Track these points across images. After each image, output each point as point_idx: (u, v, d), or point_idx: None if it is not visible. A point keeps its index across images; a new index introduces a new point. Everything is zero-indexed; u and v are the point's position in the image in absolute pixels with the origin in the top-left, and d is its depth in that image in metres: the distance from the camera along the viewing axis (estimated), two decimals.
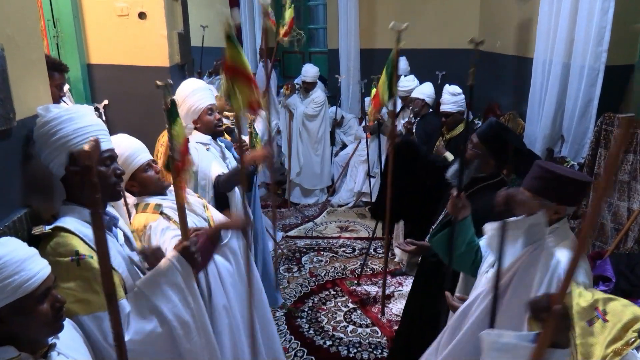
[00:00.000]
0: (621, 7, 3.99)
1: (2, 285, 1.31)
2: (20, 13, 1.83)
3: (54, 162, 1.77)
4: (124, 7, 3.77)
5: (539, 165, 2.06)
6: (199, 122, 3.16)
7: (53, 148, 1.74)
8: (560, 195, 2.01)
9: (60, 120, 1.74)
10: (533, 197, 2.04)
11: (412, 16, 7.44)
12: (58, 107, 1.80)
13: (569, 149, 4.52)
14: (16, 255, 1.36)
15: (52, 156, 1.76)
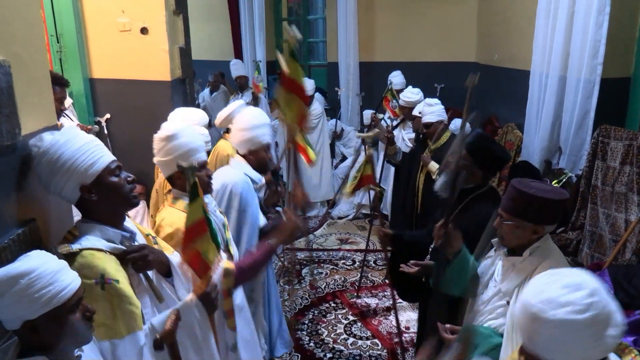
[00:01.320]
0: (615, 21, 4.05)
1: (38, 296, 1.36)
2: (26, 30, 1.88)
3: (65, 188, 1.75)
4: (126, 22, 3.83)
5: (514, 186, 2.04)
6: (253, 155, 3.02)
7: (60, 175, 1.72)
8: (536, 215, 1.99)
9: (58, 145, 1.72)
10: (509, 218, 2.03)
11: (410, 29, 7.55)
12: (51, 133, 1.78)
13: (566, 161, 4.56)
14: (49, 267, 1.40)
15: (61, 183, 1.74)
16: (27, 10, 1.88)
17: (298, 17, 9.30)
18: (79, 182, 1.74)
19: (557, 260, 2.03)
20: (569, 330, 1.28)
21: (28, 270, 1.38)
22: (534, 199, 1.96)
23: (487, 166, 2.78)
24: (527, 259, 2.04)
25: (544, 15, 4.69)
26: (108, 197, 1.79)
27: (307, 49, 9.15)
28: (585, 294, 1.30)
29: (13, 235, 1.69)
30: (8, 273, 1.37)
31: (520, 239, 2.06)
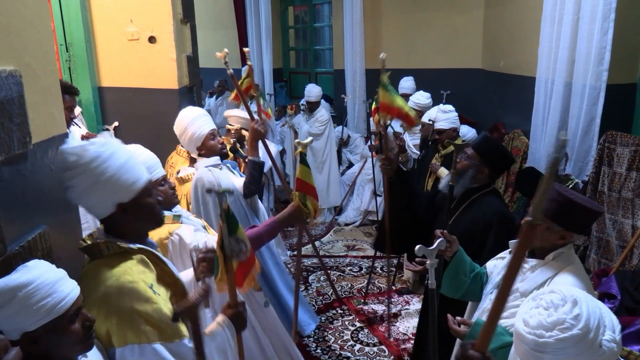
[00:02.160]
0: (621, 27, 4.06)
1: (37, 308, 1.36)
2: (37, 41, 1.91)
3: (102, 203, 1.72)
4: (134, 31, 3.88)
5: (555, 189, 2.05)
6: (203, 148, 3.22)
7: (101, 190, 1.68)
8: (568, 221, 2.00)
9: (104, 157, 1.68)
10: (545, 219, 2.03)
11: (416, 37, 7.58)
12: (92, 143, 1.72)
13: (572, 167, 4.56)
14: (48, 278, 1.41)
15: (100, 198, 1.70)
16: (38, 21, 1.92)
17: (305, 25, 9.36)
18: (117, 200, 1.71)
19: (578, 269, 2.03)
20: (568, 346, 1.31)
21: (27, 282, 1.37)
22: (571, 204, 1.98)
23: (495, 164, 2.85)
24: (550, 262, 2.05)
25: (549, 22, 4.70)
26: (140, 216, 1.78)
27: (313, 57, 9.20)
28: (569, 308, 1.33)
29: (23, 242, 1.71)
30: (7, 285, 1.37)
31: (545, 242, 2.07)
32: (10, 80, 1.67)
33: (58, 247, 1.96)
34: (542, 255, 2.09)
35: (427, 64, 7.50)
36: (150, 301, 1.65)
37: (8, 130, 1.65)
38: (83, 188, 1.68)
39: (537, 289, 2.01)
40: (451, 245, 2.37)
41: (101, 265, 1.69)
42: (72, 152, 1.67)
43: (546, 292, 1.42)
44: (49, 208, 1.96)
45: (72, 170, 1.67)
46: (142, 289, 1.65)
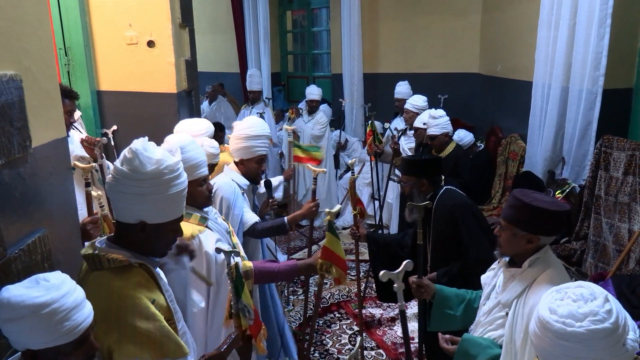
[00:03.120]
0: (617, 32, 4.09)
1: (52, 330, 1.32)
2: (37, 45, 1.92)
3: (128, 210, 1.68)
4: (133, 35, 3.89)
5: (513, 195, 2.08)
6: (245, 163, 3.14)
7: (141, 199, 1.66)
8: (532, 225, 2.00)
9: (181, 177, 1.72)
10: (506, 225, 2.07)
11: (414, 41, 7.61)
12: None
13: (569, 171, 4.58)
14: (69, 301, 1.35)
15: (130, 206, 1.67)
16: (38, 25, 1.94)
17: (302, 29, 9.38)
18: (143, 217, 1.68)
19: (557, 272, 2.02)
20: (597, 338, 1.31)
21: (49, 302, 1.32)
22: (530, 208, 1.98)
23: (425, 171, 3.04)
24: (527, 270, 2.04)
25: (545, 26, 4.73)
26: (152, 240, 1.74)
27: (311, 61, 9.22)
28: (601, 302, 1.34)
29: (23, 246, 1.73)
30: (28, 301, 1.30)
31: (515, 248, 2.07)
32: (11, 84, 1.68)
33: (57, 251, 1.98)
34: (519, 263, 2.09)
35: (425, 68, 7.53)
36: (153, 317, 1.62)
37: (8, 134, 1.66)
38: (126, 190, 1.65)
39: (517, 298, 2.02)
40: (426, 290, 2.45)
41: (101, 277, 1.64)
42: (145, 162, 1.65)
43: (571, 286, 1.43)
44: (49, 211, 1.97)
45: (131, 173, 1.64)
46: (144, 305, 1.62)
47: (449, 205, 2.97)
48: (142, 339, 1.59)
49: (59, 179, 2.08)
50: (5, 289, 1.34)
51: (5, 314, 1.30)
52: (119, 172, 1.65)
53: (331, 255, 2.59)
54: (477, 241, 2.88)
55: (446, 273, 2.94)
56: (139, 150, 1.66)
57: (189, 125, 3.32)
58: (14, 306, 1.29)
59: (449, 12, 7.35)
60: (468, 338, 2.10)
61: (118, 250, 1.69)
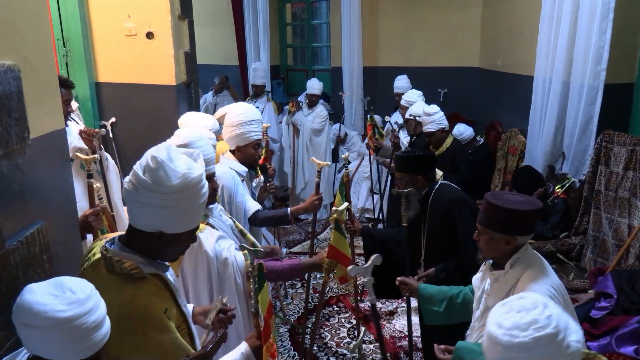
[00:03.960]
0: (619, 27, 4.07)
1: (69, 346, 1.28)
2: (35, 36, 1.90)
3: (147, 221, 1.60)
4: (132, 27, 3.86)
5: (485, 199, 2.09)
6: (241, 150, 3.14)
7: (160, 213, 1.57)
8: (506, 226, 2.02)
9: (202, 190, 1.64)
10: (483, 230, 2.09)
11: (414, 35, 7.58)
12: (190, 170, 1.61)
13: (569, 166, 4.57)
14: (91, 319, 1.30)
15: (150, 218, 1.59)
16: (36, 15, 1.91)
17: (302, 22, 9.34)
18: (162, 228, 1.61)
19: (539, 270, 2.03)
20: (542, 345, 1.36)
21: (73, 318, 1.26)
22: (501, 211, 2.00)
23: (419, 168, 3.04)
24: (509, 271, 2.06)
25: (547, 21, 4.71)
26: (167, 247, 1.67)
27: (311, 54, 9.19)
28: (541, 309, 1.40)
29: (21, 238, 1.71)
30: (54, 313, 1.25)
31: (495, 251, 2.10)
32: (9, 74, 1.66)
33: (56, 243, 1.96)
34: (502, 265, 2.10)
35: (425, 62, 7.50)
36: (166, 329, 1.58)
37: (6, 125, 1.64)
38: (145, 202, 1.56)
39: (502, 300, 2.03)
40: (410, 288, 2.57)
41: (113, 282, 1.58)
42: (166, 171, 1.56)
43: (515, 299, 1.48)
44: (47, 203, 1.96)
45: (152, 184, 1.54)
46: (157, 316, 1.57)
47: (445, 200, 2.98)
48: (155, 350, 1.55)
49: (57, 171, 2.06)
50: (29, 290, 1.28)
51: (24, 319, 1.26)
52: (141, 182, 1.55)
53: (337, 254, 2.58)
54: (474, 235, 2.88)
55: (444, 269, 2.94)
56: (165, 162, 1.56)
57: (194, 118, 3.30)
58: (36, 314, 1.24)
59: (450, 6, 7.31)
60: (461, 346, 2.10)
61: (130, 254, 1.62)
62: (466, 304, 2.42)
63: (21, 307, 1.26)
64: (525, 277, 2.00)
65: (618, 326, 3.16)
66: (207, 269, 2.26)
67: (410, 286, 2.59)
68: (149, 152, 1.60)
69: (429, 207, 3.03)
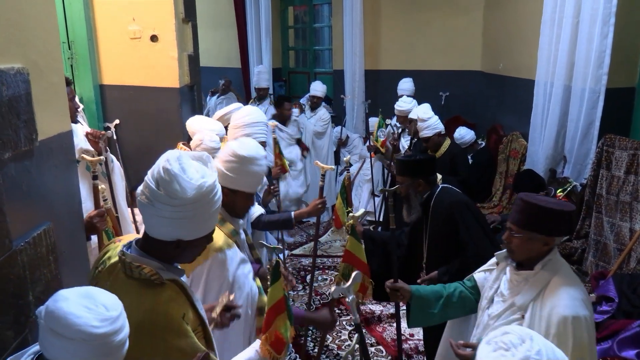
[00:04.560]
0: (620, 31, 4.09)
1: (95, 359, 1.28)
2: (44, 39, 1.93)
3: (165, 232, 1.59)
4: (136, 30, 3.89)
5: (523, 200, 2.07)
6: None
7: (175, 225, 1.57)
8: (547, 227, 2.02)
9: (217, 195, 1.64)
10: (519, 231, 2.06)
11: (416, 38, 7.60)
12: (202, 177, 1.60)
13: (571, 170, 4.58)
14: (117, 338, 1.30)
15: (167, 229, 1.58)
16: (45, 19, 1.94)
17: (304, 25, 9.37)
18: (180, 236, 1.61)
19: (567, 274, 2.06)
20: None
21: (104, 335, 1.27)
22: (545, 211, 1.99)
23: (420, 171, 3.04)
24: (539, 272, 2.06)
25: (549, 24, 4.73)
26: (185, 252, 1.68)
27: (312, 57, 9.21)
28: (529, 344, 1.38)
29: (29, 238, 1.73)
30: (88, 328, 1.25)
31: (530, 252, 2.08)
32: (18, 77, 1.68)
33: (62, 243, 1.98)
34: (530, 266, 2.10)
35: (427, 65, 7.52)
36: (185, 334, 1.59)
37: (15, 127, 1.66)
38: (163, 214, 1.56)
39: (533, 301, 2.04)
40: (402, 293, 2.48)
41: (133, 287, 1.58)
42: (182, 184, 1.54)
43: (498, 335, 1.45)
44: (54, 204, 1.98)
45: (167, 197, 1.54)
46: (176, 321, 1.58)
47: (446, 202, 2.99)
48: (174, 355, 1.56)
49: (64, 172, 2.08)
50: (64, 298, 1.28)
51: (56, 327, 1.25)
52: (156, 196, 1.54)
53: (353, 259, 2.58)
54: (476, 237, 2.89)
55: (447, 271, 2.95)
56: (177, 174, 1.55)
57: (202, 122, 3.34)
58: (70, 326, 1.24)
59: (451, 9, 7.33)
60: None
61: (149, 260, 1.62)
62: (463, 300, 2.42)
63: (56, 315, 1.25)
64: (558, 280, 2.01)
65: (620, 330, 3.16)
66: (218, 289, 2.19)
67: (403, 291, 2.47)
68: (159, 162, 1.59)
69: (430, 210, 3.03)
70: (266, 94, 7.01)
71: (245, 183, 2.32)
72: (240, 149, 2.31)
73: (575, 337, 1.89)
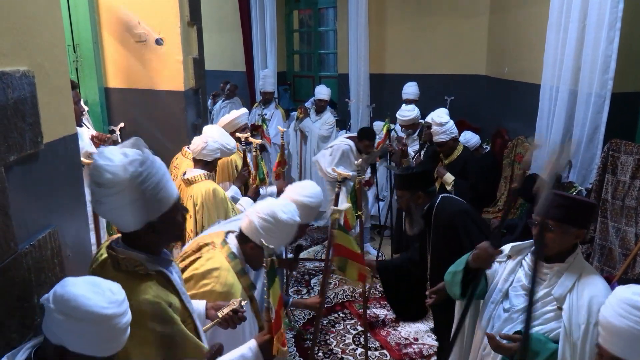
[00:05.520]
0: (627, 36, 4.07)
1: (98, 341, 1.34)
2: (50, 42, 1.93)
3: (132, 221, 1.61)
4: (142, 33, 3.90)
5: (558, 195, 2.15)
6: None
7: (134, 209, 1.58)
8: (582, 220, 2.12)
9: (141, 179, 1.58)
10: (557, 225, 2.11)
11: (421, 42, 7.60)
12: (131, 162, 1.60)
13: (576, 175, 4.56)
14: (123, 320, 1.36)
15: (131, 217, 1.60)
16: (51, 22, 1.94)
17: (309, 29, 9.38)
18: (148, 219, 1.62)
19: (590, 267, 2.18)
20: None
21: (112, 316, 1.33)
22: (580, 204, 2.12)
23: (418, 184, 3.06)
24: (572, 264, 2.14)
25: (554, 29, 4.71)
26: (164, 233, 1.69)
27: (317, 61, 9.22)
28: None
29: (34, 241, 1.73)
30: (98, 309, 1.31)
31: (564, 245, 2.15)
32: (24, 80, 1.68)
33: (67, 246, 1.98)
34: (560, 259, 2.16)
35: (432, 69, 7.51)
36: (171, 321, 1.63)
37: (21, 130, 1.66)
38: (115, 206, 1.58)
39: (569, 292, 2.10)
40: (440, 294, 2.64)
41: (120, 279, 1.54)
42: (109, 170, 1.55)
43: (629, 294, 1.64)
44: (59, 207, 1.98)
45: (108, 189, 1.55)
46: (162, 309, 1.62)
47: (447, 213, 3.00)
48: (163, 342, 1.60)
49: (69, 175, 2.09)
50: (72, 283, 1.34)
51: (66, 309, 1.30)
52: (98, 194, 1.57)
53: (345, 251, 2.57)
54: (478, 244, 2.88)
55: None
56: (102, 164, 1.55)
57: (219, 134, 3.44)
58: (80, 307, 1.30)
59: (456, 14, 7.32)
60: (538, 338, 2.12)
61: (134, 252, 1.65)
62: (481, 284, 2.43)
63: (66, 297, 1.30)
64: (588, 272, 2.12)
65: None
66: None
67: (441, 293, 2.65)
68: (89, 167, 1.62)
69: (432, 221, 3.04)
70: (271, 98, 7.02)
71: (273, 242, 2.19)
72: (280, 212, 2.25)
73: None
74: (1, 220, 1.55)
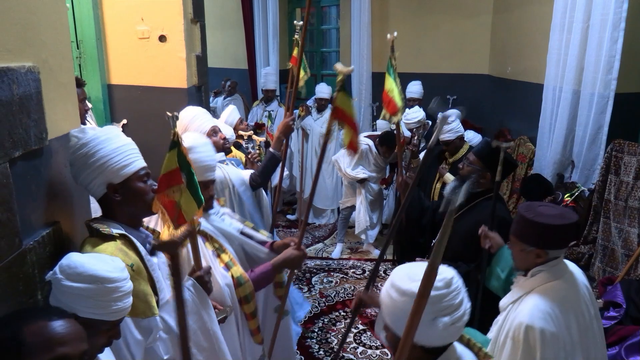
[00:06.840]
0: (630, 36, 4.07)
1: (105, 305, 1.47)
2: (55, 38, 1.92)
3: (93, 182, 1.83)
4: (145, 30, 3.88)
5: (518, 211, 2.10)
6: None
7: (92, 169, 1.80)
8: (538, 240, 2.02)
9: (98, 141, 1.81)
10: (515, 241, 2.11)
11: (424, 41, 7.59)
12: (93, 128, 1.87)
13: (579, 175, 4.56)
14: (127, 285, 1.53)
15: (91, 177, 1.82)
16: (55, 18, 1.94)
17: (312, 27, 9.36)
18: (107, 180, 1.82)
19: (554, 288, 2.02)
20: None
21: (116, 279, 1.49)
22: (532, 224, 2.01)
23: (494, 165, 2.91)
24: (528, 279, 2.08)
25: (558, 29, 4.71)
26: (131, 200, 1.87)
27: (320, 59, 9.21)
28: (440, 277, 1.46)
29: (38, 237, 1.73)
30: (103, 273, 1.47)
31: (525, 262, 2.11)
32: (29, 76, 1.68)
33: (70, 242, 1.98)
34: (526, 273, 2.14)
35: (434, 68, 7.50)
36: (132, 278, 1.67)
37: (25, 126, 1.66)
38: (78, 165, 1.81)
39: (512, 303, 2.09)
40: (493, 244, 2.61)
41: (87, 242, 1.81)
42: (74, 134, 1.83)
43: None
44: (63, 204, 1.98)
45: (72, 149, 1.81)
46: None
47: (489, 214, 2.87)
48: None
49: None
50: (75, 254, 1.51)
51: (72, 275, 1.45)
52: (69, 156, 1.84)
53: (342, 115, 2.47)
54: None
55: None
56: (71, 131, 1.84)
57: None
58: (86, 271, 1.46)
59: (460, 13, 7.31)
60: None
61: (108, 221, 1.85)
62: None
63: (73, 265, 1.47)
64: (539, 290, 2.02)
65: (627, 336, 3.14)
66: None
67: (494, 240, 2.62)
68: None
69: (474, 207, 2.96)
70: (273, 96, 7.01)
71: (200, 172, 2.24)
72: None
73: (525, 347, 1.91)
74: (6, 216, 1.54)
